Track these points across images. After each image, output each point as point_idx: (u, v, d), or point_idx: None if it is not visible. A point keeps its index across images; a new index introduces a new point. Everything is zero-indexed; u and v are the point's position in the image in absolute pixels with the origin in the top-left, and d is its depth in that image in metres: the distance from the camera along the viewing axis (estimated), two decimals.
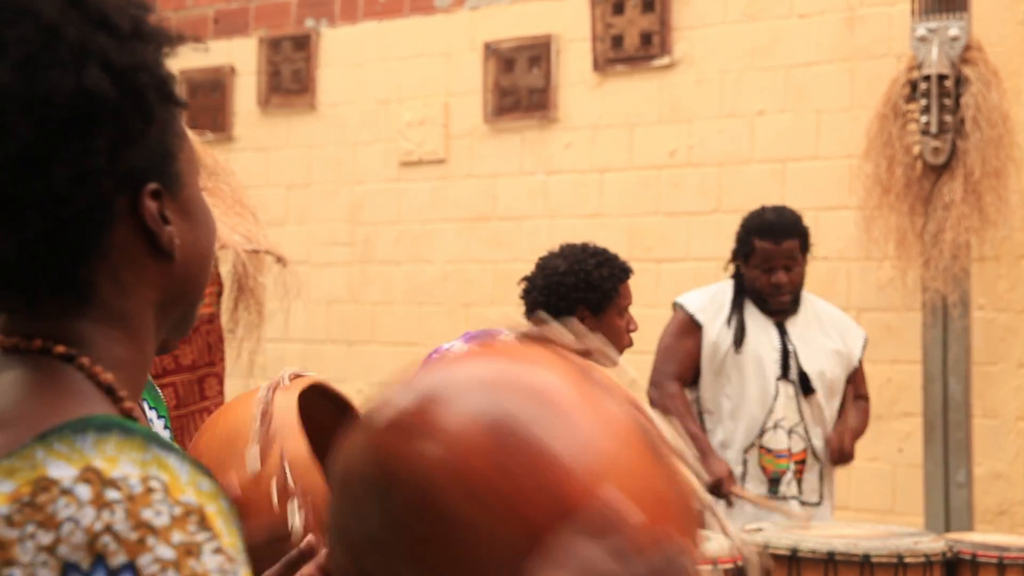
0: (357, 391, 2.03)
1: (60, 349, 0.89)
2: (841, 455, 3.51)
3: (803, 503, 3.46)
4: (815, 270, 3.72)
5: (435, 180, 5.50)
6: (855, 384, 3.66)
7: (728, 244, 4.94)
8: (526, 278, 3.11)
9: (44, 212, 0.86)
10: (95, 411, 0.85)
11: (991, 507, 4.44)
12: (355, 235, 5.71)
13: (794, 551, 2.87)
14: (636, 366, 4.96)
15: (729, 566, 2.88)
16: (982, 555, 2.96)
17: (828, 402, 3.55)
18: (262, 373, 2.64)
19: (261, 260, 3.56)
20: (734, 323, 3.50)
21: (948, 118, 4.31)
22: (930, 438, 4.44)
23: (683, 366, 3.49)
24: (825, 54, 4.80)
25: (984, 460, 4.49)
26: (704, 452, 3.29)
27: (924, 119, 4.33)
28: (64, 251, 0.88)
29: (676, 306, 3.62)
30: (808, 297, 3.67)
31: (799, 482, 3.47)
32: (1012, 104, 4.38)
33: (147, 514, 0.78)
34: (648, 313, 4.96)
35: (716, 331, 3.51)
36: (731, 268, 3.68)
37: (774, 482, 3.43)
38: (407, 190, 5.57)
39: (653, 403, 3.40)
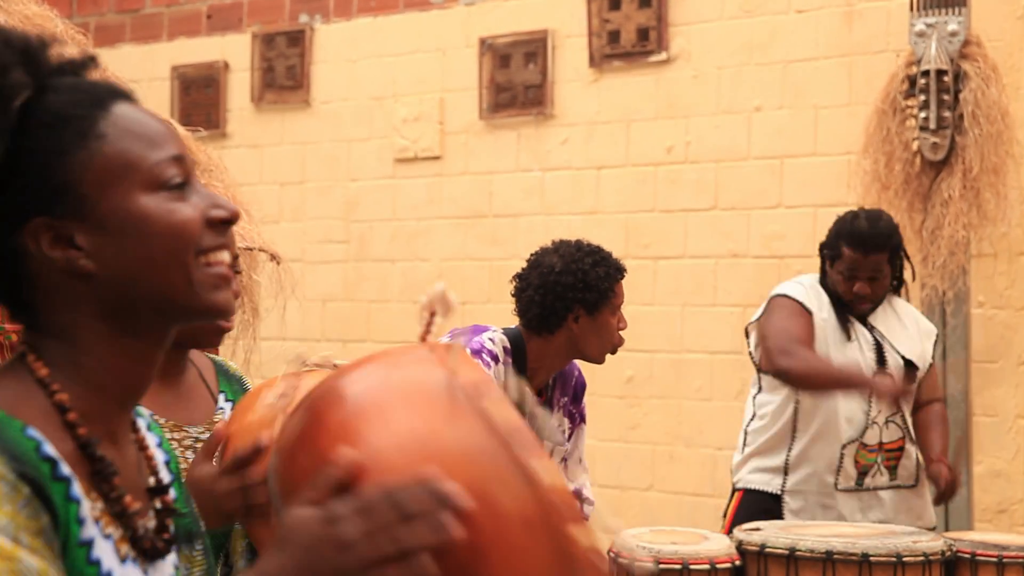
0: None
1: (24, 351, 1.04)
2: (951, 488, 3.51)
3: (900, 487, 3.50)
4: (813, 267, 3.71)
5: (430, 177, 5.50)
6: (930, 385, 3.65)
7: (725, 241, 4.96)
8: (519, 275, 3.11)
9: None
10: (8, 392, 1.00)
11: (990, 506, 4.44)
12: (350, 232, 5.70)
13: (792, 550, 2.87)
14: (632, 364, 4.95)
15: (727, 565, 2.88)
16: (981, 554, 2.95)
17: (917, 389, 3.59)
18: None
19: (255, 258, 3.55)
20: (834, 316, 3.50)
21: (947, 114, 4.31)
22: None
23: (805, 333, 3.42)
24: (823, 50, 4.80)
25: (983, 458, 4.49)
26: (859, 380, 3.28)
27: (923, 115, 4.33)
28: None
29: (778, 296, 3.53)
30: (892, 299, 3.67)
31: (892, 469, 3.49)
32: (1011, 100, 4.37)
33: None
34: (645, 311, 4.97)
35: (822, 321, 3.50)
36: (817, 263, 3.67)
37: (862, 475, 3.46)
38: (402, 187, 5.56)
39: (796, 370, 3.30)
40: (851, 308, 3.52)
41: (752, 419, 3.60)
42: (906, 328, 3.59)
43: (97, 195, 1.01)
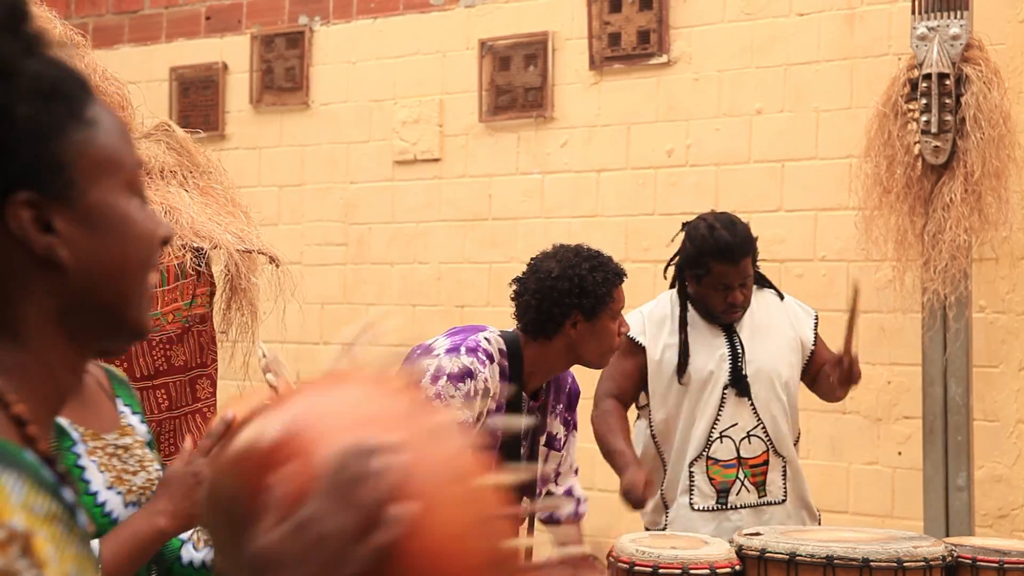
0: None
1: None
2: (852, 371, 3.37)
3: (770, 503, 3.39)
4: (814, 270, 3.70)
5: (430, 179, 5.50)
6: (820, 359, 3.51)
7: None
8: (517, 279, 3.10)
9: None
10: None
11: (991, 511, 4.44)
12: (349, 235, 5.70)
13: (792, 555, 2.87)
14: None
15: (727, 570, 2.88)
16: (982, 559, 2.94)
17: (787, 398, 3.45)
18: (255, 375, 2.63)
19: (254, 260, 3.55)
20: (676, 346, 3.40)
21: (948, 117, 4.30)
22: (929, 441, 4.43)
23: (621, 386, 3.39)
24: (824, 53, 4.81)
25: (984, 463, 4.49)
26: (624, 466, 3.19)
27: (924, 118, 4.32)
28: None
29: (628, 339, 3.41)
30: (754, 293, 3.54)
31: (760, 485, 3.39)
32: (1013, 103, 4.38)
33: None
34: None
35: (660, 351, 3.41)
36: (670, 275, 3.58)
37: (722, 492, 3.36)
38: (401, 189, 5.56)
39: (592, 424, 3.35)
40: (723, 319, 3.41)
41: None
42: (771, 328, 3.47)
43: (87, 184, 0.95)
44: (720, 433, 3.38)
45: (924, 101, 4.32)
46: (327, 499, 0.86)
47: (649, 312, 3.50)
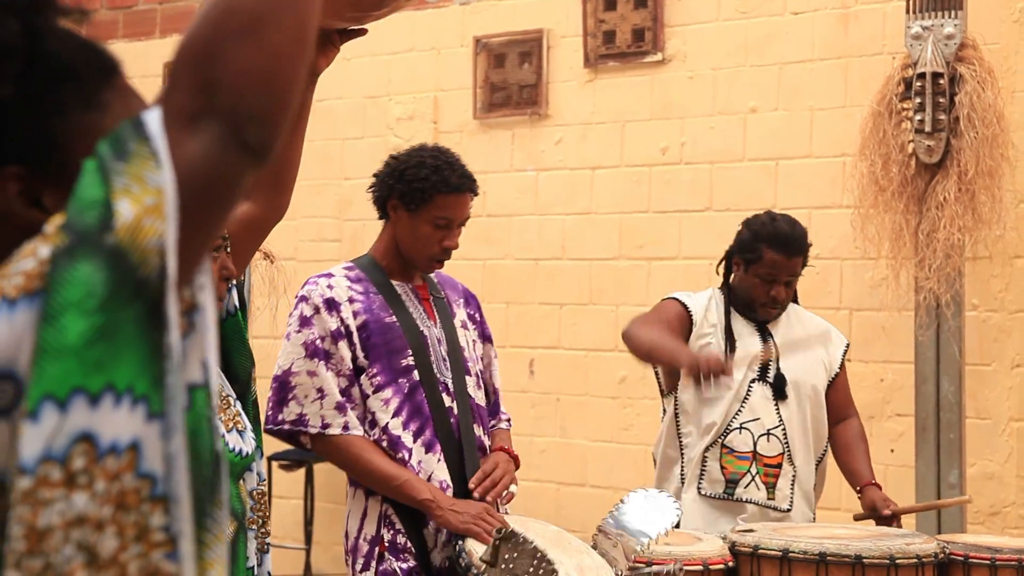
0: None
1: None
2: (894, 519, 3.35)
3: (775, 509, 3.34)
4: (808, 269, 3.72)
5: None
6: (840, 399, 3.52)
7: (720, 242, 4.95)
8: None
9: None
10: None
11: (983, 508, 4.46)
12: (343, 231, 5.71)
13: (785, 552, 2.89)
14: (626, 365, 4.96)
15: (720, 567, 2.90)
16: (975, 556, 2.98)
17: (812, 410, 3.44)
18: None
19: None
20: (722, 333, 3.41)
21: (942, 116, 4.32)
22: (922, 438, 4.44)
23: (666, 323, 3.31)
24: (819, 51, 4.83)
25: (976, 461, 4.51)
26: (673, 352, 3.12)
27: (918, 117, 4.33)
28: None
29: (673, 299, 3.46)
30: (791, 306, 3.58)
31: (771, 486, 3.35)
32: (1007, 103, 4.39)
33: None
34: (639, 312, 4.98)
35: (703, 337, 3.40)
36: (721, 269, 3.58)
37: (731, 483, 3.33)
38: None
39: (625, 335, 3.23)
40: (760, 314, 3.41)
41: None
42: (806, 341, 3.46)
43: (81, 167, 0.96)
44: (740, 424, 3.36)
45: (918, 100, 4.33)
46: None
47: (706, 304, 3.45)
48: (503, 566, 2.50)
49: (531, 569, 2.52)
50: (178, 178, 0.88)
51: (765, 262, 3.37)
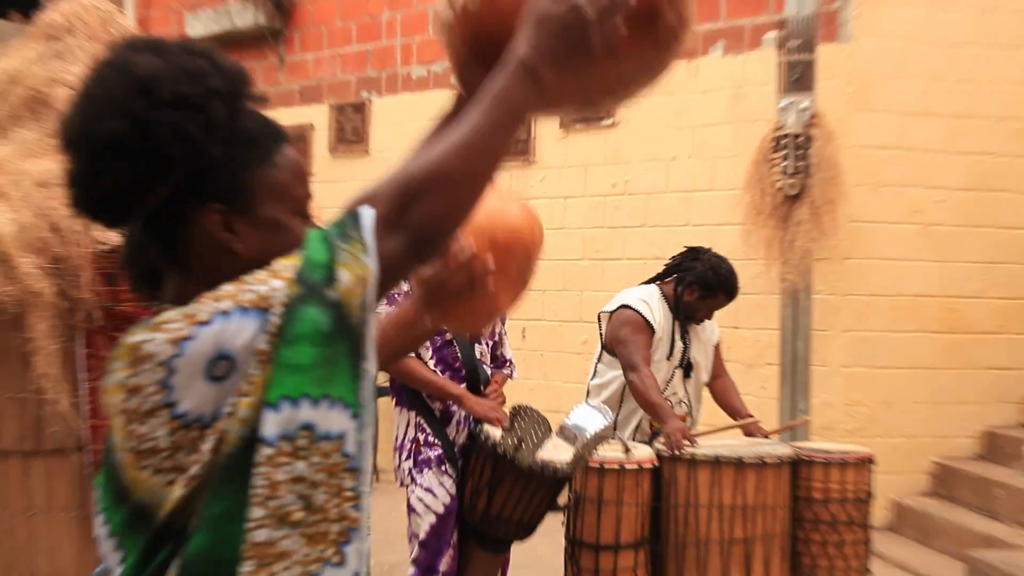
0: None
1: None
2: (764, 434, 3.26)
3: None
4: None
5: None
6: (719, 364, 3.39)
7: (652, 248, 4.86)
8: None
9: (143, 217, 0.95)
10: None
11: (822, 425, 4.47)
12: None
13: (693, 456, 2.89)
14: (587, 331, 4.97)
15: (649, 467, 2.88)
16: (816, 456, 3.00)
17: (702, 382, 3.34)
18: None
19: None
20: (668, 336, 3.21)
21: (800, 163, 4.35)
22: (783, 380, 4.49)
23: (647, 353, 3.14)
24: (719, 118, 4.80)
25: (818, 394, 4.52)
26: (666, 416, 3.02)
27: (784, 164, 4.37)
28: (159, 240, 0.96)
29: (628, 309, 3.17)
30: None
31: None
32: (842, 155, 4.40)
33: None
34: (598, 296, 4.98)
35: (660, 334, 3.21)
36: (671, 287, 3.28)
37: (655, 435, 3.19)
38: None
39: (635, 385, 3.05)
40: (695, 322, 3.24)
41: (594, 376, 3.30)
42: (705, 338, 3.33)
43: (262, 203, 0.96)
44: (666, 397, 3.21)
45: (784, 152, 4.37)
46: None
47: (649, 305, 3.22)
48: (517, 430, 2.54)
49: (534, 429, 2.56)
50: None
51: (717, 301, 3.20)
